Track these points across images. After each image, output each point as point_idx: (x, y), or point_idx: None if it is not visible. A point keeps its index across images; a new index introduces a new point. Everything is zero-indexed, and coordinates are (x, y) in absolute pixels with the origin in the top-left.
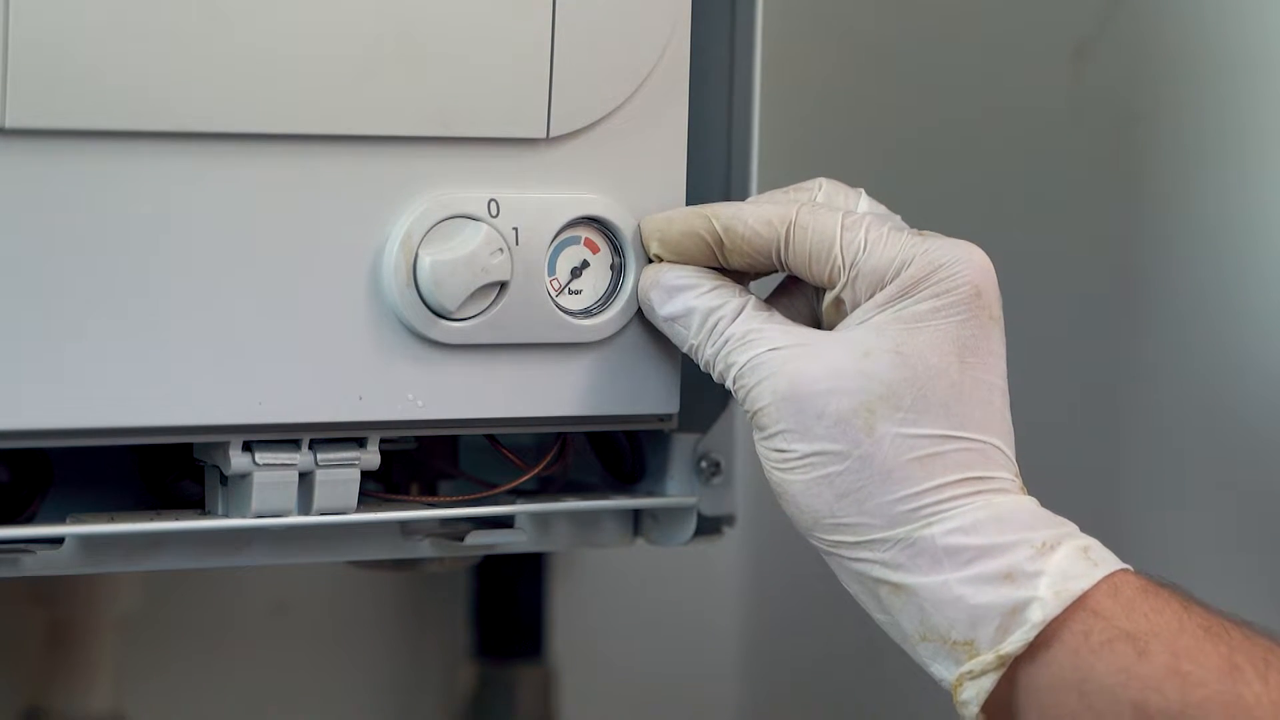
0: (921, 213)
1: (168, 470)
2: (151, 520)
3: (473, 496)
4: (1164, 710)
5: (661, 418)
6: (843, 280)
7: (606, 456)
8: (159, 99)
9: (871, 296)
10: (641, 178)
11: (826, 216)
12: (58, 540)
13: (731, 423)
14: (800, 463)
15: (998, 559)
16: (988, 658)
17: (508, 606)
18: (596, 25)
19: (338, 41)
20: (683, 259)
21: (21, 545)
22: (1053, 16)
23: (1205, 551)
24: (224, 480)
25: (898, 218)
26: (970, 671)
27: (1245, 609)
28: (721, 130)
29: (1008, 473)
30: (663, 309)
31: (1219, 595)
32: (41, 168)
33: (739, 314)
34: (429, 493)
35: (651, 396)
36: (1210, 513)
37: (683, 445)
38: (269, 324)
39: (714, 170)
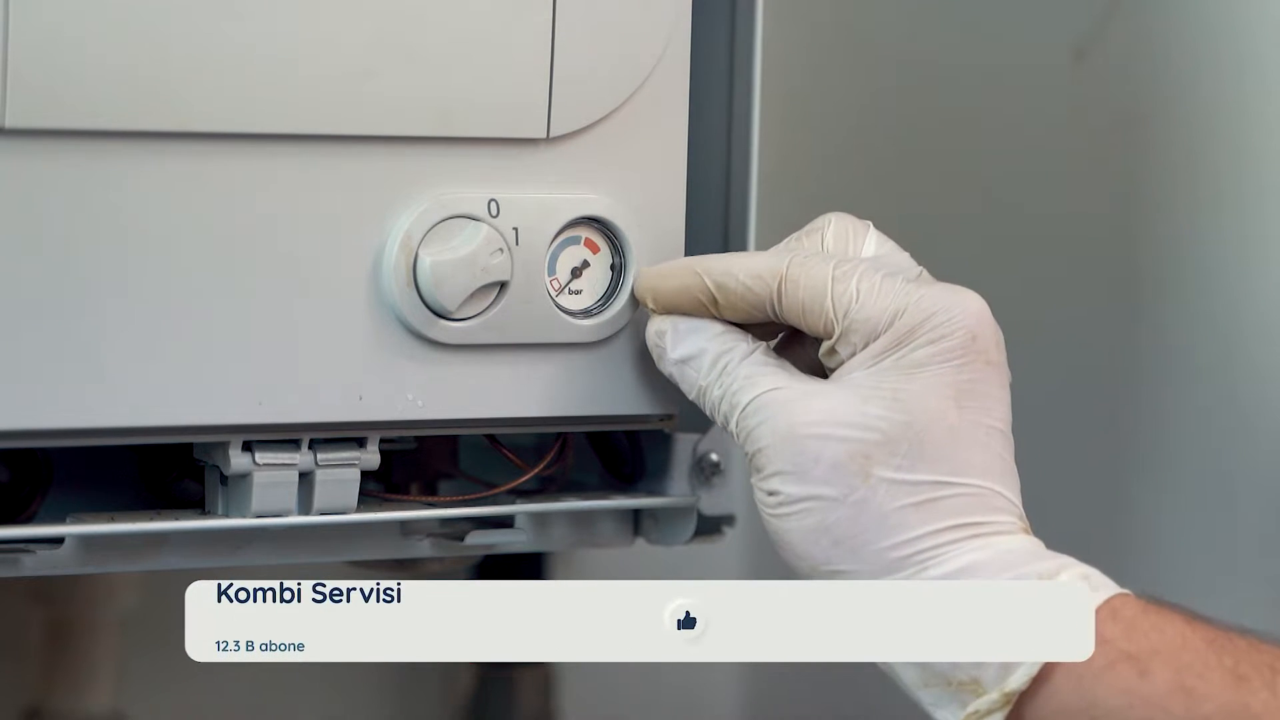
0: (921, 214)
1: (168, 470)
2: (151, 520)
3: (473, 496)
4: None
5: (662, 418)
6: (837, 331)
7: (606, 456)
8: (159, 99)
9: (867, 346)
10: (641, 178)
11: (817, 268)
12: (58, 540)
13: None
14: (796, 507)
15: None
16: (993, 696)
17: None
18: (596, 25)
19: (338, 41)
20: (679, 314)
21: (21, 545)
22: (1053, 16)
23: (1205, 552)
24: (224, 480)
25: (906, 255)
26: (976, 712)
27: (1246, 612)
28: (721, 130)
29: (1009, 516)
30: (675, 351)
31: (1218, 599)
32: (41, 168)
33: (748, 356)
34: (429, 493)
35: (652, 396)
36: (1210, 515)
37: (683, 445)
38: (269, 324)
39: (714, 170)
